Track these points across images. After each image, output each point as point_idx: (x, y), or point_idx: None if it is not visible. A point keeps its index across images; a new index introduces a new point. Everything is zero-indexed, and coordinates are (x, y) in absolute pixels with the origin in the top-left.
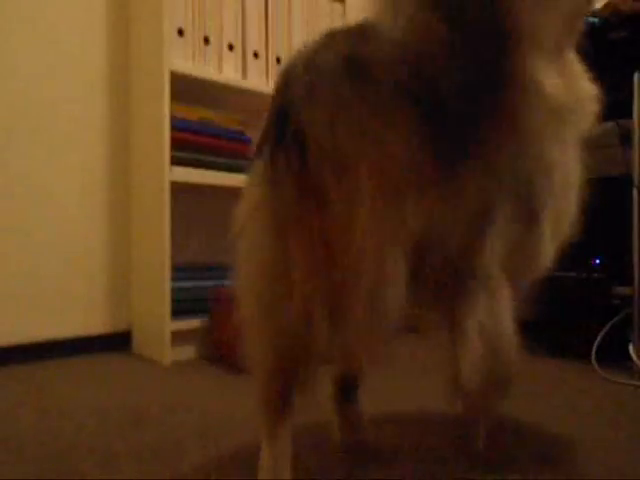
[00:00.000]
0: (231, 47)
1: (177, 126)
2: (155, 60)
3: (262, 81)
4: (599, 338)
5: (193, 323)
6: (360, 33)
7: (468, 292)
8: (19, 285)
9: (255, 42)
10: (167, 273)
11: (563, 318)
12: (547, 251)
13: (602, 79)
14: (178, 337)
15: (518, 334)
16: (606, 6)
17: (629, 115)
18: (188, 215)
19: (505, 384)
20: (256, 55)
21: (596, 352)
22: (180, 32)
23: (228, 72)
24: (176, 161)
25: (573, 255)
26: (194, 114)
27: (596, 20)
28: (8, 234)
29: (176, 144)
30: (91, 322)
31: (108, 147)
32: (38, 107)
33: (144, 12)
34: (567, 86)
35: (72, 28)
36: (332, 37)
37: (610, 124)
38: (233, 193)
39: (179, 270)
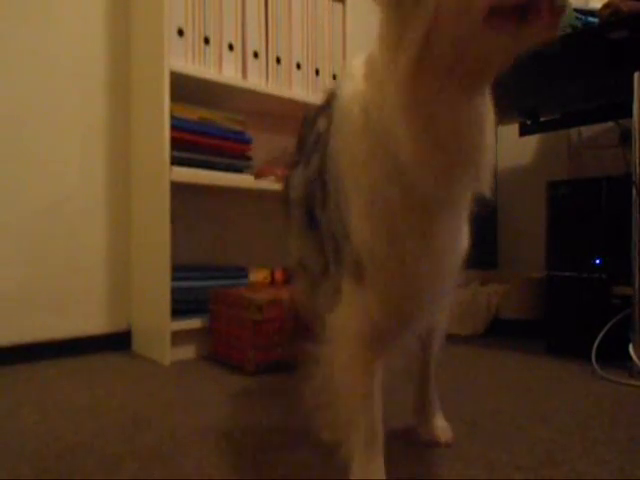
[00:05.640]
0: (231, 47)
1: (177, 126)
2: (155, 60)
3: (262, 81)
4: (599, 338)
5: (193, 323)
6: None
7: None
8: (19, 285)
9: (255, 42)
10: (167, 273)
11: (563, 318)
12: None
13: (602, 79)
14: (178, 337)
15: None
16: (606, 6)
17: (629, 115)
18: (188, 215)
19: None
20: (256, 55)
21: (596, 352)
22: (180, 32)
23: (228, 72)
24: (176, 161)
25: (573, 255)
26: (194, 114)
27: (596, 20)
28: (9, 235)
29: (176, 144)
30: (91, 322)
31: (108, 147)
32: (37, 108)
33: (144, 12)
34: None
35: (72, 28)
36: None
37: (610, 124)
38: (233, 193)
39: (179, 270)
